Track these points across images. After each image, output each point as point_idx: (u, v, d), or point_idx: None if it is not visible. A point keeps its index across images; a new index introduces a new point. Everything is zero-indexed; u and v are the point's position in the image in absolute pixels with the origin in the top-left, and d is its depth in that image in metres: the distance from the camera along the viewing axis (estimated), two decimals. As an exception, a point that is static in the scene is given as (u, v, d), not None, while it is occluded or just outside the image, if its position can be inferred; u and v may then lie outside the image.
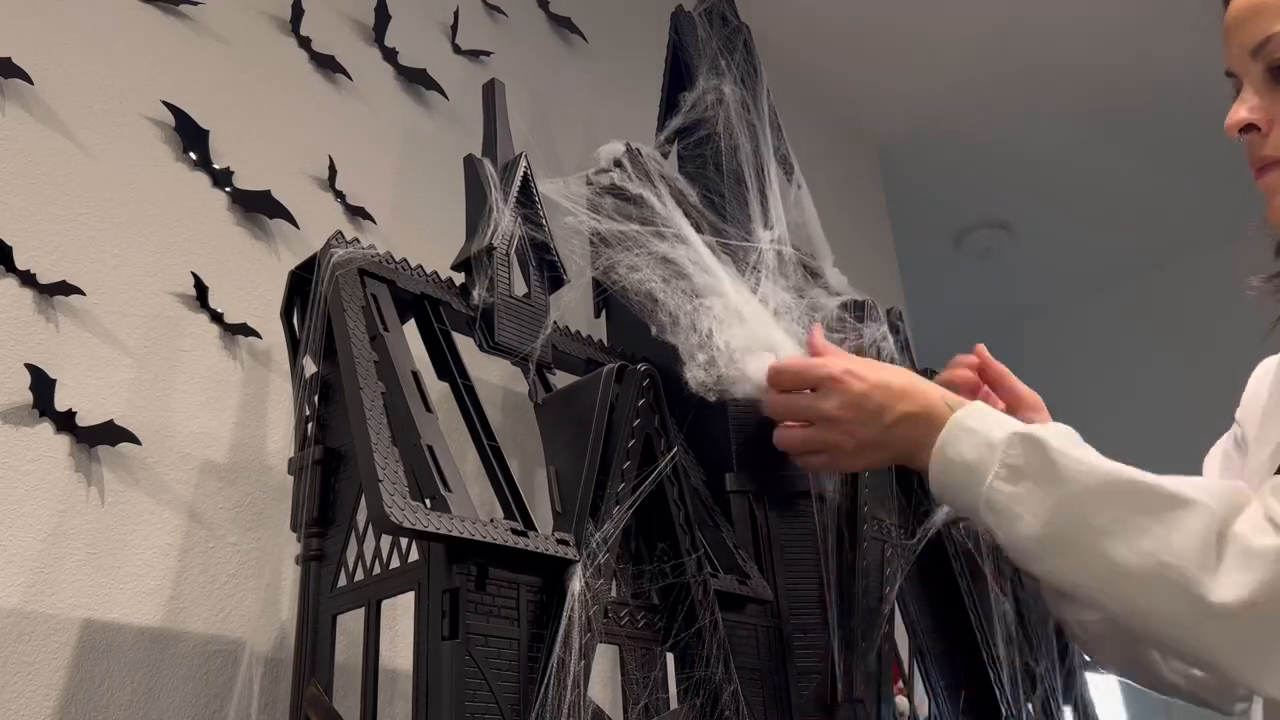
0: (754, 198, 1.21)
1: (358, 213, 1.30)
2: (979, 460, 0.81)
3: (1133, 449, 0.74)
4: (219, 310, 1.11)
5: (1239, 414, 1.00)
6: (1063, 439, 0.79)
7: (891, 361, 1.11)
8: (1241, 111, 0.84)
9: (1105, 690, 2.87)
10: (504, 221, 1.01)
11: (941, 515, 1.13)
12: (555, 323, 1.07)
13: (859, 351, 1.08)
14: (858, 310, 1.18)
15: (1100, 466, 0.76)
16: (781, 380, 0.94)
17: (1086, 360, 3.40)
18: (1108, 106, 2.65)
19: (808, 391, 0.92)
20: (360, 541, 0.83)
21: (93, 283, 1.01)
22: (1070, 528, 0.75)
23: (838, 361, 0.92)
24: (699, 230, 1.13)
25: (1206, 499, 0.71)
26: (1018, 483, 0.78)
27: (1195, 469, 1.02)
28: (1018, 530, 0.78)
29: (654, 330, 1.01)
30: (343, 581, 0.83)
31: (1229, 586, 0.66)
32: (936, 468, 0.84)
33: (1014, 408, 1.06)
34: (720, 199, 1.21)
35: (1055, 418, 0.98)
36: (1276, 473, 0.77)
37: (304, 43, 1.33)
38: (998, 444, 0.80)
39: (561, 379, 1.03)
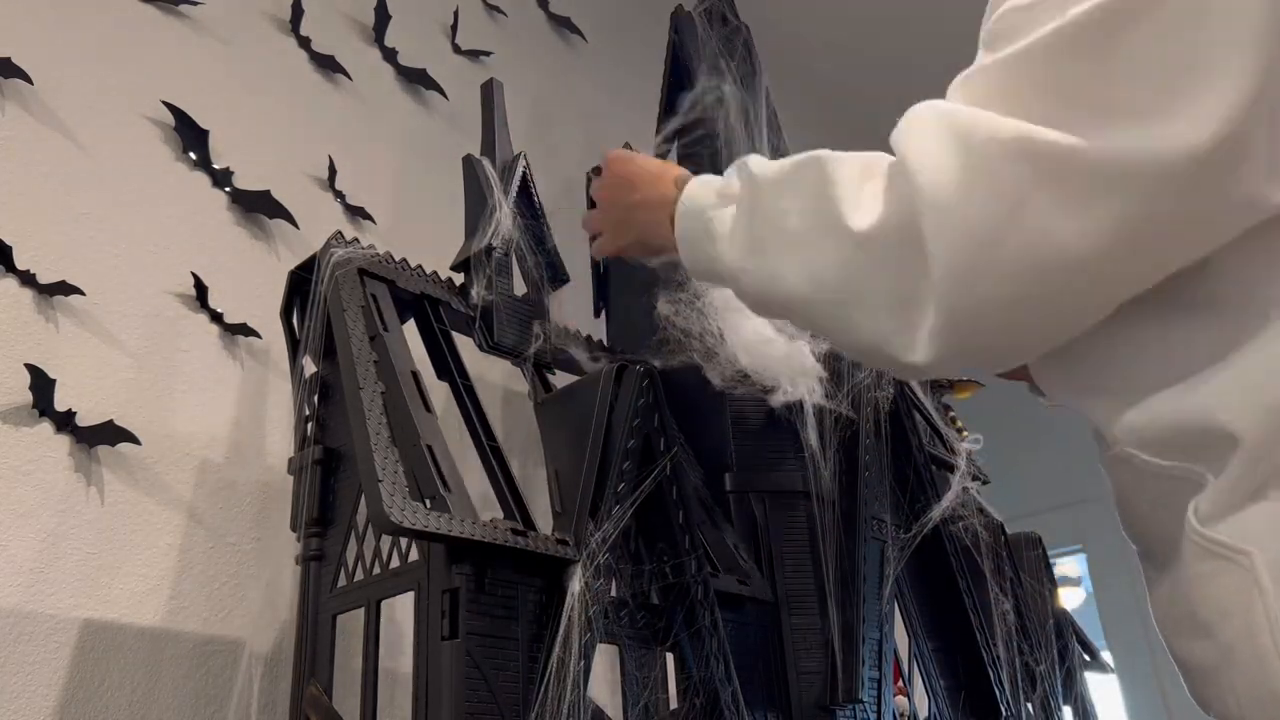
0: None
1: (357, 213, 1.30)
2: (705, 198, 0.77)
3: None
4: (219, 310, 1.11)
5: None
6: (764, 160, 0.75)
7: None
8: None
9: (1105, 690, 2.87)
10: (503, 221, 1.01)
11: (938, 510, 1.13)
12: (555, 323, 1.07)
13: None
14: None
15: (780, 164, 0.71)
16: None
17: (1086, 360, 3.40)
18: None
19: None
20: (360, 541, 0.83)
21: (93, 283, 1.01)
22: (761, 222, 0.71)
23: (617, 151, 0.92)
24: None
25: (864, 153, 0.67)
26: (726, 207, 0.75)
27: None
28: (727, 253, 0.73)
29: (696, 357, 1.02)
30: (343, 581, 0.83)
31: (865, 212, 0.62)
32: (678, 219, 0.79)
33: None
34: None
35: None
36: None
37: (304, 43, 1.33)
38: (716, 183, 0.77)
39: (561, 379, 1.03)
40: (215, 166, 1.16)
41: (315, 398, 0.90)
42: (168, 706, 0.94)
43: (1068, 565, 3.39)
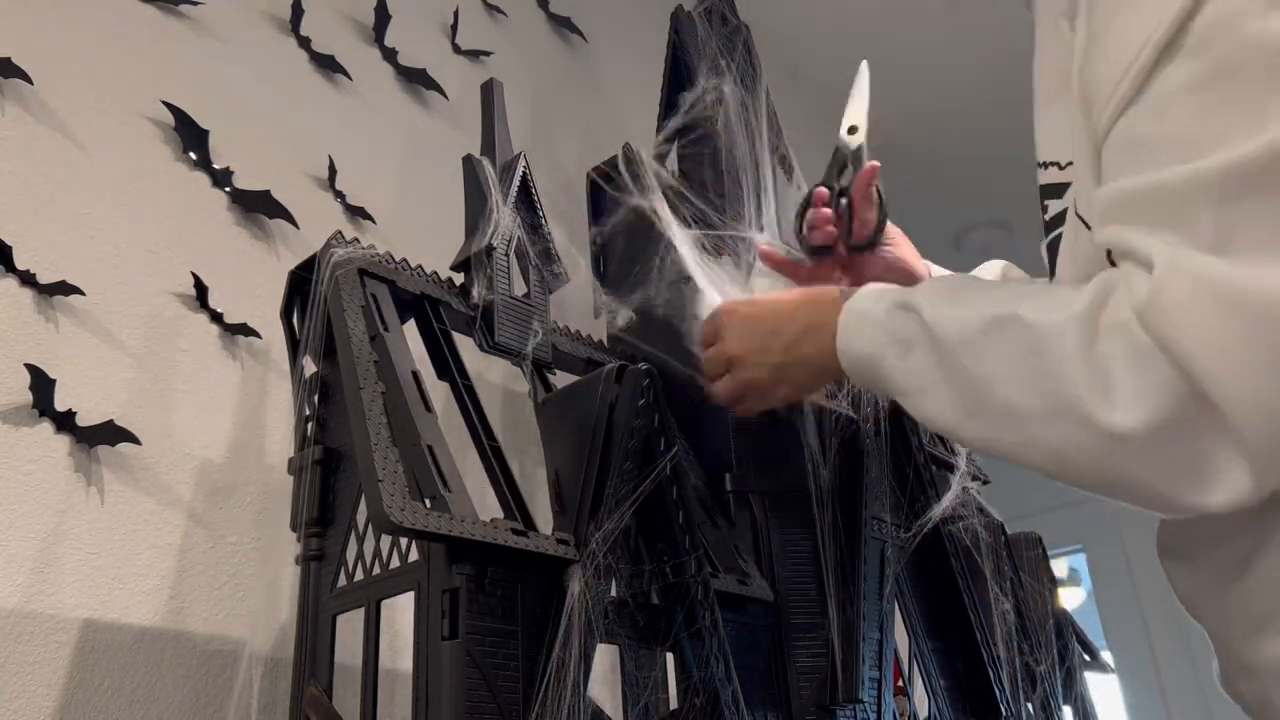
0: (750, 196, 1.21)
1: (357, 212, 1.30)
2: (874, 346, 0.75)
3: None
4: (219, 310, 1.11)
5: None
6: (932, 294, 0.73)
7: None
8: None
9: (1105, 690, 2.87)
10: (503, 221, 1.01)
11: (938, 509, 1.13)
12: (555, 323, 1.07)
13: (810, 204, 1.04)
14: None
15: (965, 315, 0.68)
16: (702, 338, 0.94)
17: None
18: (1108, 106, 2.65)
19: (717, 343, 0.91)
20: (360, 541, 0.83)
21: (93, 283, 1.01)
22: (966, 388, 0.67)
23: (727, 304, 0.91)
24: (692, 226, 1.13)
25: (1066, 307, 0.62)
26: (909, 357, 0.72)
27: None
28: (928, 406, 0.71)
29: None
30: (343, 581, 0.83)
31: (1126, 408, 0.57)
32: (847, 367, 0.78)
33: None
34: (719, 198, 1.21)
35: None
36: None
37: (304, 43, 1.33)
38: (882, 322, 0.75)
39: (561, 379, 1.03)
40: (215, 166, 1.16)
41: (315, 398, 0.90)
42: (168, 706, 0.94)
43: (1060, 566, 3.38)
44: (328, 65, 1.35)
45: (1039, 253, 0.78)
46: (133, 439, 0.97)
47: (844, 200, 1.02)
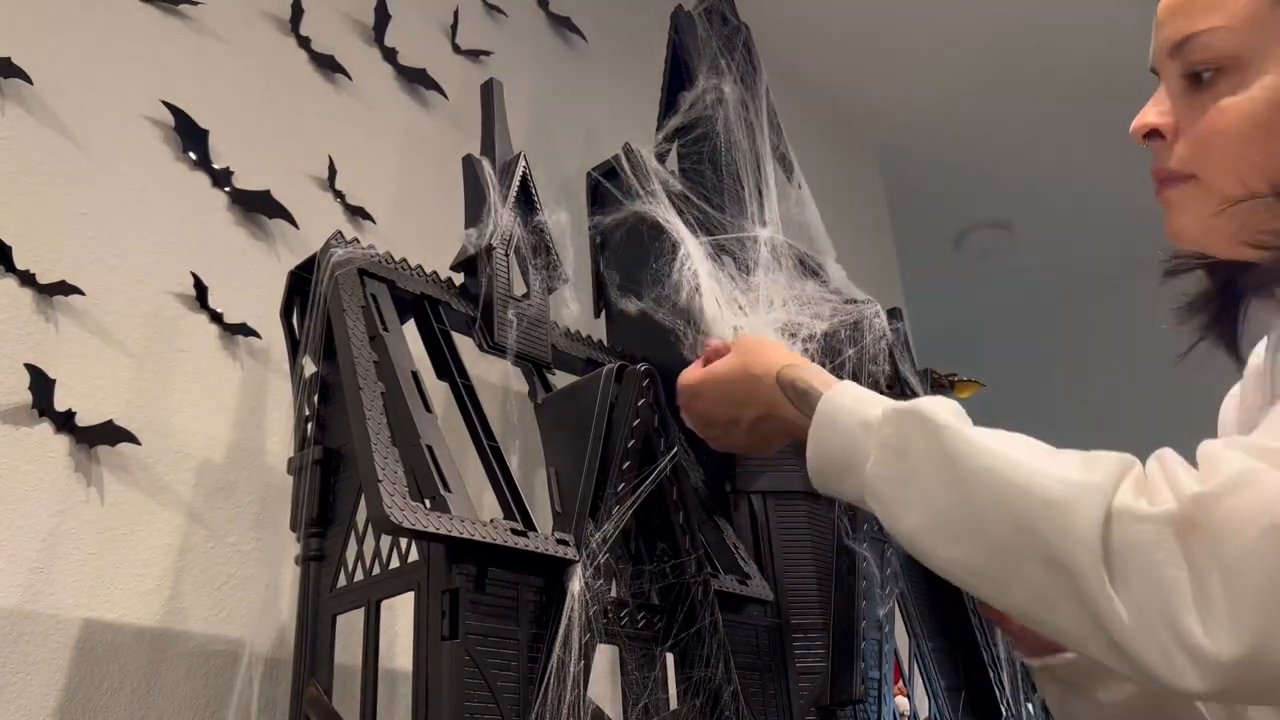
0: (750, 195, 1.21)
1: (357, 213, 1.30)
2: (855, 445, 0.72)
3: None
4: (218, 310, 1.11)
5: None
6: (943, 409, 0.70)
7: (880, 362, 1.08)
8: (1149, 115, 0.77)
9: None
10: (503, 221, 1.01)
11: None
12: (555, 323, 1.07)
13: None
14: (854, 329, 1.16)
15: (991, 447, 0.65)
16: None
17: (1086, 360, 3.40)
18: (1108, 106, 2.65)
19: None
20: (360, 541, 0.83)
21: (93, 283, 1.01)
22: (960, 513, 0.65)
23: (681, 387, 0.88)
24: (693, 227, 1.14)
25: (1092, 471, 0.61)
26: (899, 463, 0.69)
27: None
28: (907, 519, 0.68)
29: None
30: (343, 581, 0.83)
31: (1128, 601, 0.56)
32: (814, 457, 0.75)
33: None
34: (719, 197, 1.21)
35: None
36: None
37: (304, 43, 1.33)
38: (873, 424, 0.71)
39: (561, 379, 1.03)
40: (215, 166, 1.16)
41: (315, 398, 0.90)
42: (168, 706, 0.94)
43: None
44: (328, 65, 1.35)
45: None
46: (132, 439, 0.97)
47: None
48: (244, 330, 1.12)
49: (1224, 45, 0.73)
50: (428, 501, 0.74)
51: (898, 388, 1.22)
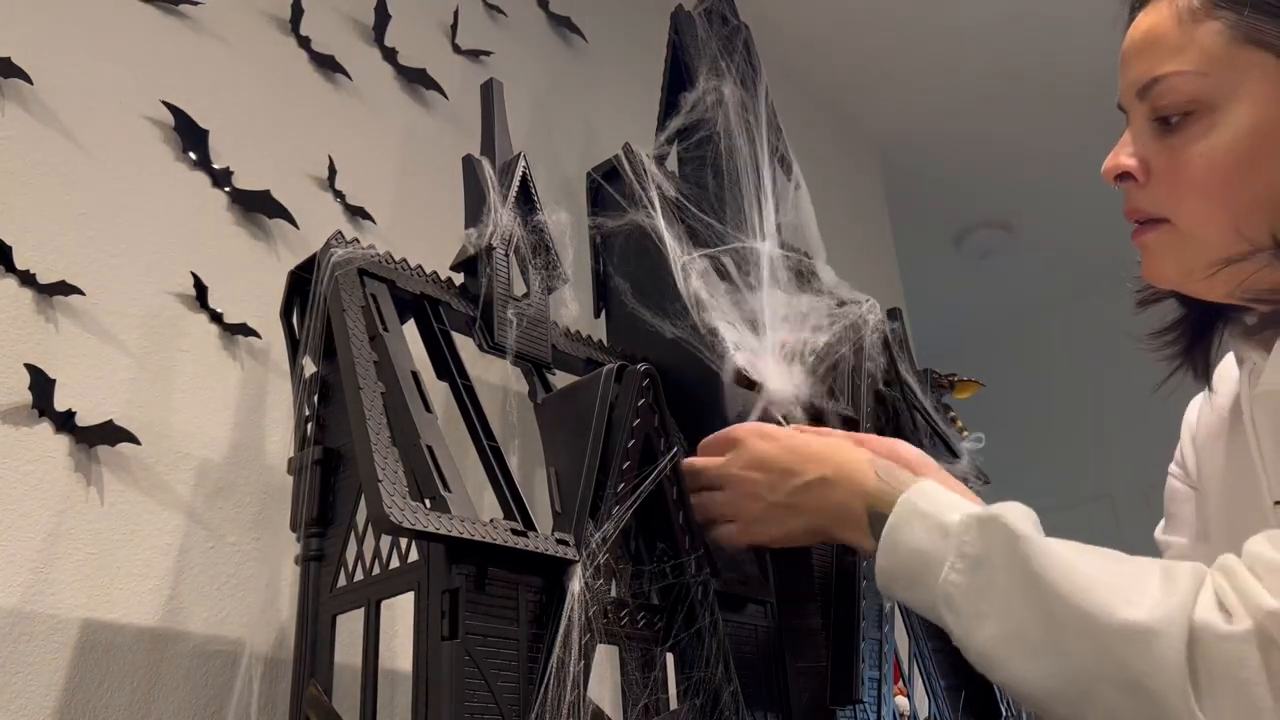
0: (751, 202, 1.21)
1: (357, 212, 1.30)
2: (933, 549, 0.71)
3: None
4: (218, 310, 1.11)
5: (1180, 451, 0.94)
6: (1024, 520, 0.69)
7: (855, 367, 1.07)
8: (1120, 157, 0.77)
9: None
10: (503, 221, 1.01)
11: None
12: (555, 323, 1.07)
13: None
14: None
15: (1071, 561, 0.65)
16: (704, 448, 0.92)
17: (1086, 360, 3.40)
18: (1109, 107, 2.65)
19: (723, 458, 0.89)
20: (360, 541, 0.83)
21: (92, 283, 1.01)
22: (1039, 630, 0.64)
23: (751, 426, 0.88)
24: (695, 235, 1.14)
25: (1169, 614, 0.60)
26: (977, 574, 0.68)
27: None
28: (983, 631, 0.68)
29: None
30: (343, 581, 0.83)
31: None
32: (886, 557, 0.74)
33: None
34: (719, 205, 1.21)
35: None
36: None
37: (304, 43, 1.33)
38: (952, 530, 0.70)
39: (561, 379, 1.03)
40: (215, 166, 1.16)
41: (315, 398, 0.90)
42: (168, 706, 0.94)
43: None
44: (328, 65, 1.35)
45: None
46: (132, 439, 0.97)
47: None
48: (244, 330, 1.12)
49: (1190, 89, 0.72)
50: (428, 501, 0.74)
51: (896, 386, 1.22)
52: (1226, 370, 0.86)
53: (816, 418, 1.07)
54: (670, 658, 0.87)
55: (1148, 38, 0.76)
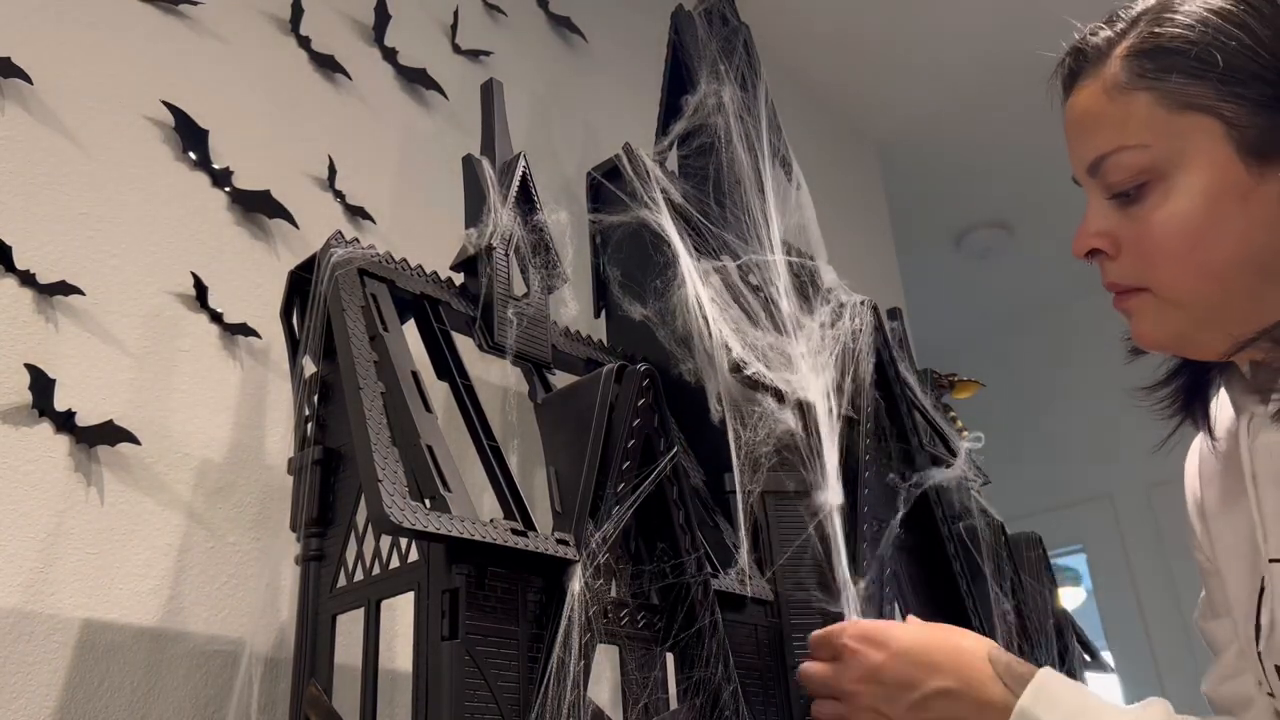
0: (755, 208, 1.22)
1: (357, 212, 1.30)
2: None
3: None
4: (218, 310, 1.11)
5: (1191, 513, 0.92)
6: None
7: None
8: (1088, 236, 0.77)
9: (1105, 690, 2.87)
10: (503, 221, 1.01)
11: (930, 479, 1.13)
12: (555, 323, 1.07)
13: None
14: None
15: None
16: (811, 650, 0.90)
17: (1086, 360, 3.40)
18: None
19: (833, 663, 0.87)
20: (360, 541, 0.83)
21: (92, 283, 1.01)
22: None
23: (856, 626, 0.86)
24: (698, 237, 1.14)
25: None
26: None
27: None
28: None
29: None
30: (342, 581, 0.83)
31: None
32: None
33: None
34: (720, 208, 1.21)
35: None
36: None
37: (304, 43, 1.33)
38: None
39: (561, 379, 1.03)
40: (215, 166, 1.16)
41: (315, 398, 0.90)
42: (168, 706, 0.94)
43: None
44: (328, 65, 1.35)
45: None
46: (132, 439, 0.97)
47: None
48: (244, 330, 1.12)
49: (1138, 162, 0.73)
50: (428, 501, 0.74)
51: (895, 386, 1.22)
52: (1222, 413, 0.86)
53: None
54: (670, 657, 0.87)
55: (1085, 117, 0.78)
